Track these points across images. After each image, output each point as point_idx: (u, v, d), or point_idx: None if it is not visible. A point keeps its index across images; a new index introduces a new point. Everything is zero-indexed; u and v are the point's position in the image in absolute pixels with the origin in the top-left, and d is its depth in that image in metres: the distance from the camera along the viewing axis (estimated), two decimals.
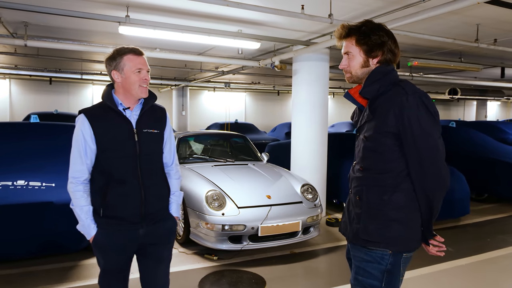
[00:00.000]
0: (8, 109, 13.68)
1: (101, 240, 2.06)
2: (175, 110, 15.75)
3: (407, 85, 1.69)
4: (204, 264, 4.18)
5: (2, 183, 3.64)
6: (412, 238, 1.75)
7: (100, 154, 2.03)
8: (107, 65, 2.05)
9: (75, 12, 3.99)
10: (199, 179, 4.73)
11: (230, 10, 4.12)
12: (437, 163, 1.65)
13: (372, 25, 1.76)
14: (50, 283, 3.56)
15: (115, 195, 2.03)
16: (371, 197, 1.76)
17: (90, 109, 2.06)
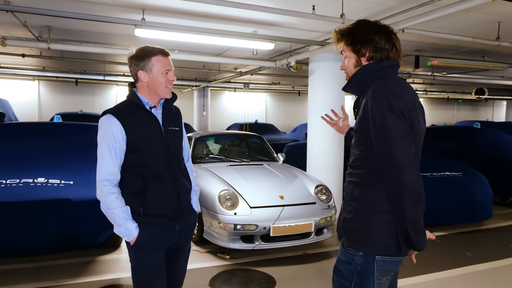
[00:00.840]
0: (37, 109, 14.21)
1: (145, 240, 2.03)
2: (196, 110, 15.94)
3: (379, 83, 1.66)
4: (216, 262, 4.23)
5: (23, 180, 3.79)
6: (383, 242, 1.67)
7: (131, 154, 2.01)
8: (133, 65, 2.04)
9: (94, 16, 4.12)
10: (213, 179, 4.79)
11: (244, 12, 4.15)
12: (398, 163, 1.57)
13: (360, 25, 1.76)
14: (68, 277, 3.69)
15: (154, 192, 2.04)
16: (349, 194, 1.77)
17: (117, 109, 2.04)
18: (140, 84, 2.07)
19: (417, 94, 1.75)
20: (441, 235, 5.25)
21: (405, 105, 1.61)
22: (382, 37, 1.71)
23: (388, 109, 1.58)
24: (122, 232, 2.00)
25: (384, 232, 1.66)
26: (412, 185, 1.57)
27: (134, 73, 2.06)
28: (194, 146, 6.06)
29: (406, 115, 1.60)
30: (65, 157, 4.77)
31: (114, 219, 1.98)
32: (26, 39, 5.81)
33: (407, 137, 1.60)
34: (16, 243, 3.58)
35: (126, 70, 11.77)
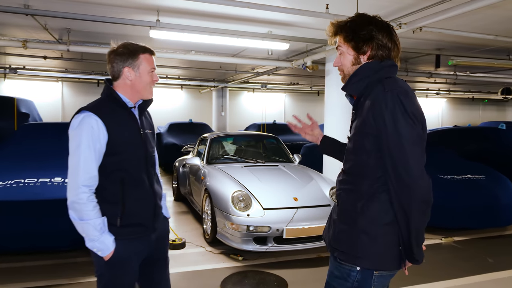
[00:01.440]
0: (60, 110, 14.59)
1: (122, 253, 1.85)
2: (215, 110, 16.01)
3: (389, 82, 1.54)
4: (229, 264, 4.22)
5: (41, 179, 3.88)
6: (384, 256, 1.56)
7: (110, 157, 1.84)
8: (118, 61, 1.89)
9: (109, 18, 4.19)
10: (227, 180, 4.79)
11: (257, 12, 4.13)
12: (410, 170, 1.46)
13: (361, 19, 1.63)
14: (82, 275, 3.75)
15: (134, 200, 1.89)
16: (346, 203, 1.64)
17: (96, 107, 1.85)
18: (122, 82, 1.91)
19: None
20: (461, 240, 5.08)
21: (419, 108, 1.51)
22: (384, 34, 1.60)
23: (402, 113, 1.45)
24: (96, 246, 1.78)
25: (386, 245, 1.56)
26: (423, 195, 1.47)
27: (118, 70, 1.90)
28: (209, 146, 6.08)
29: (419, 119, 1.50)
30: None
31: (88, 231, 1.76)
32: (47, 41, 5.95)
33: (422, 143, 1.50)
34: (32, 241, 3.66)
35: None
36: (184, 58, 6.59)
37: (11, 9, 4.12)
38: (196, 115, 15.99)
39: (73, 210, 1.77)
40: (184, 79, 13.36)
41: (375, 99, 1.51)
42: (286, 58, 7.42)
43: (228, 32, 4.60)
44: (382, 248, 1.55)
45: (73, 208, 1.77)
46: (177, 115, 15.78)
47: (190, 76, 13.08)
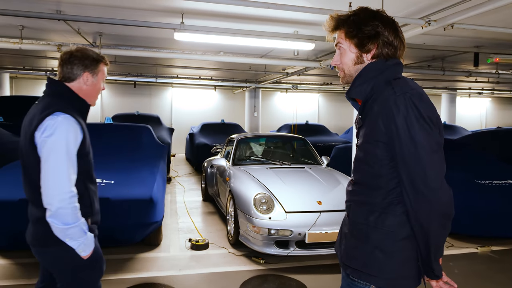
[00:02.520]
0: (99, 110, 15.18)
1: (98, 248, 1.94)
2: (247, 111, 16.06)
3: (399, 84, 1.38)
4: (250, 266, 4.19)
5: None
6: (401, 274, 1.43)
7: (80, 159, 1.83)
8: (79, 64, 1.89)
9: (136, 21, 4.28)
10: (250, 182, 4.76)
11: (280, 12, 4.07)
12: (430, 182, 1.32)
13: (365, 13, 1.47)
14: (106, 273, 3.83)
15: (96, 200, 1.97)
16: (357, 216, 1.50)
17: (69, 108, 1.82)
18: (78, 85, 1.91)
19: None
20: (499, 250, 4.76)
21: (435, 111, 1.37)
22: (391, 31, 1.45)
23: (418, 118, 1.31)
24: (85, 244, 1.80)
25: (404, 261, 1.43)
26: (444, 209, 1.35)
27: (77, 73, 1.89)
28: (235, 147, 6.08)
29: (436, 123, 1.35)
30: (111, 157, 5.02)
31: (75, 235, 1.76)
32: (83, 45, 6.18)
33: (440, 151, 1.36)
34: None
35: (180, 72, 12.18)
36: (213, 59, 6.64)
37: (45, 15, 4.32)
38: (229, 115, 16.11)
39: (59, 216, 1.71)
40: (217, 80, 13.50)
41: (385, 103, 1.36)
42: (316, 58, 7.29)
43: (252, 33, 4.58)
44: (399, 265, 1.42)
45: (59, 214, 1.71)
46: (210, 115, 15.97)
47: (223, 77, 13.19)
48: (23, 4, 4.37)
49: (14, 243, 3.85)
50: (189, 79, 13.18)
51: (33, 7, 4.45)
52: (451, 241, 4.88)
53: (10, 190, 3.74)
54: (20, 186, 3.98)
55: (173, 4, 4.21)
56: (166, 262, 4.22)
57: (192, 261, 4.29)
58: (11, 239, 3.81)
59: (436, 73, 7.66)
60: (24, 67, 11.29)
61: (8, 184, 3.89)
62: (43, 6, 4.41)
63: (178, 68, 9.96)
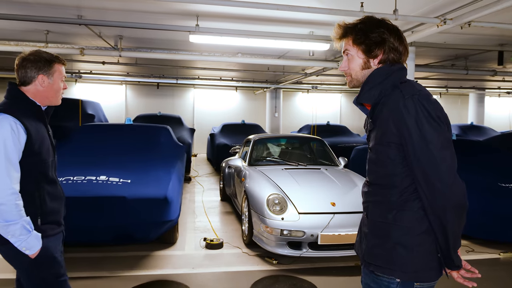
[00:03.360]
0: (124, 111, 15.58)
1: (49, 248, 1.94)
2: (268, 111, 16.09)
3: (407, 87, 1.48)
4: (263, 267, 4.21)
5: (87, 177, 4.17)
6: (423, 266, 1.51)
7: (28, 158, 1.87)
8: (32, 68, 1.96)
9: (152, 24, 4.39)
10: (264, 182, 4.78)
11: (293, 14, 4.07)
12: (443, 177, 1.41)
13: (371, 21, 1.58)
14: (122, 269, 3.97)
15: (50, 199, 1.98)
16: (376, 215, 1.59)
17: (11, 109, 1.88)
18: (34, 87, 1.98)
19: None
20: None
21: (442, 111, 1.46)
22: (396, 37, 1.56)
23: (426, 117, 1.41)
24: (25, 245, 1.82)
25: (425, 254, 1.51)
26: (459, 201, 1.43)
27: (31, 76, 1.97)
28: (252, 148, 6.12)
29: (444, 121, 1.45)
30: (130, 157, 5.16)
31: (17, 232, 1.79)
32: (103, 48, 6.38)
33: (451, 147, 1.45)
34: (78, 235, 3.93)
35: (200, 73, 12.33)
36: (230, 61, 6.70)
37: (66, 20, 4.49)
38: (250, 116, 16.19)
39: (3, 212, 1.75)
40: (238, 80, 13.59)
41: (395, 106, 1.46)
42: (334, 59, 7.23)
43: (267, 34, 4.60)
44: (420, 258, 1.51)
45: (3, 210, 1.75)
46: (231, 116, 16.10)
47: (243, 77, 13.27)
48: (47, 10, 4.56)
49: None
50: (210, 80, 13.33)
51: (57, 13, 4.63)
52: (472, 246, 4.74)
53: None
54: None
55: (189, 7, 4.29)
56: (181, 260, 4.30)
57: (206, 260, 4.35)
58: None
59: (459, 72, 7.46)
60: None
61: None
62: (65, 12, 4.59)
63: (199, 69, 10.09)
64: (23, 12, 4.54)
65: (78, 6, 4.37)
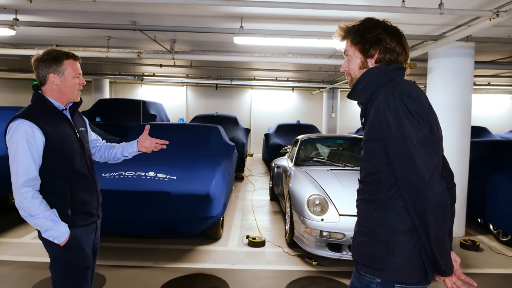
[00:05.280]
0: (185, 111, 16.29)
1: (76, 238, 2.04)
2: (325, 112, 15.84)
3: (391, 84, 1.50)
4: (302, 267, 4.19)
5: (137, 173, 4.45)
6: (405, 267, 1.48)
7: (52, 156, 1.98)
8: (42, 67, 2.01)
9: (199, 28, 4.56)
10: (307, 182, 4.75)
11: (341, 12, 3.96)
12: (419, 173, 1.39)
13: (370, 22, 1.60)
14: (166, 261, 4.19)
15: (79, 191, 2.06)
16: (363, 213, 1.60)
17: (28, 113, 1.97)
18: (49, 87, 2.04)
19: None
20: None
21: (423, 108, 1.46)
22: (393, 38, 1.56)
23: (405, 113, 1.42)
24: (52, 235, 1.96)
25: (407, 255, 1.48)
26: (437, 199, 1.39)
27: (43, 76, 2.02)
28: (299, 148, 6.10)
29: (425, 119, 1.44)
30: (179, 155, 5.41)
31: (42, 224, 1.94)
32: (159, 51, 6.75)
33: (429, 144, 1.43)
34: (125, 226, 4.23)
35: (257, 74, 12.52)
36: (280, 61, 6.73)
37: (122, 27, 4.84)
38: (306, 116, 16.07)
39: (22, 209, 1.92)
40: (294, 80, 13.57)
41: (379, 103, 1.49)
42: None
43: (310, 34, 4.56)
44: (402, 259, 1.48)
45: (21, 207, 1.92)
46: (288, 116, 16.10)
47: (299, 78, 13.22)
48: (105, 18, 4.95)
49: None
50: (265, 80, 13.47)
51: (114, 20, 5.01)
52: None
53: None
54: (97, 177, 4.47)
55: (233, 10, 4.40)
56: (222, 256, 4.43)
57: (246, 257, 4.44)
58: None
59: None
60: (119, 73, 12.62)
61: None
62: (122, 19, 4.94)
63: (253, 70, 10.25)
64: (86, 20, 4.98)
65: (132, 13, 4.69)
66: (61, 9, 4.61)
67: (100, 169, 4.54)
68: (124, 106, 11.49)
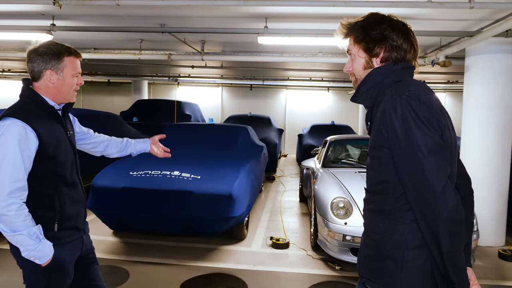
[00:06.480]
0: (220, 111, 16.48)
1: (60, 258, 1.79)
2: (361, 112, 15.42)
3: (398, 86, 1.37)
4: (324, 271, 4.10)
5: (163, 172, 4.54)
6: (416, 286, 1.36)
7: (42, 163, 1.74)
8: (39, 61, 1.78)
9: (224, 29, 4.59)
10: (332, 184, 4.64)
11: (357, 9, 3.83)
12: (429, 185, 1.27)
13: (373, 18, 1.47)
14: (188, 259, 4.25)
15: (70, 202, 1.85)
16: (370, 225, 1.49)
17: (20, 112, 1.73)
18: (44, 83, 1.80)
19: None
20: None
21: (434, 113, 1.32)
22: (399, 34, 1.43)
23: (413, 119, 1.29)
24: (34, 255, 1.69)
25: (416, 272, 1.36)
26: (450, 213, 1.26)
27: (39, 71, 1.79)
28: (327, 149, 5.98)
29: (435, 124, 1.31)
30: (206, 154, 5.48)
31: (23, 242, 1.67)
32: (192, 53, 6.86)
33: (441, 152, 1.30)
34: (150, 223, 4.34)
35: (291, 74, 12.44)
36: (311, 61, 6.65)
37: (151, 29, 4.97)
38: (342, 117, 15.75)
39: (3, 223, 1.65)
40: (329, 80, 13.35)
41: (385, 107, 1.36)
42: (425, 55, 6.66)
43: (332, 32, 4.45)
44: (411, 276, 1.36)
45: (2, 221, 1.64)
46: (323, 116, 15.86)
47: (333, 77, 13.00)
48: (135, 21, 5.11)
49: (120, 224, 4.53)
50: (299, 80, 13.35)
51: (144, 23, 5.16)
52: None
53: (119, 179, 4.41)
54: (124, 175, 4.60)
55: (258, 10, 4.39)
56: (244, 256, 4.42)
57: (269, 259, 4.40)
58: (117, 221, 4.48)
59: None
60: (156, 74, 13.00)
61: (118, 174, 4.57)
62: (151, 21, 5.08)
63: (287, 70, 10.20)
64: (117, 24, 5.17)
65: (160, 16, 4.81)
66: (91, 13, 4.81)
67: (128, 168, 4.69)
68: (160, 106, 11.83)
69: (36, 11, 4.86)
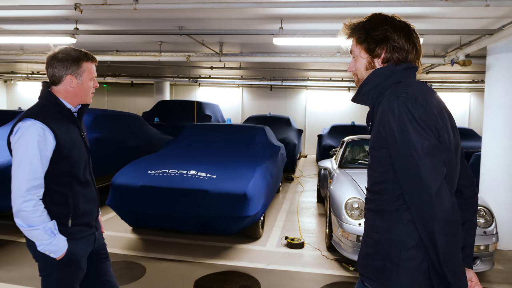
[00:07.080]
0: (240, 112, 16.59)
1: (73, 253, 1.89)
2: None
3: (397, 87, 1.39)
4: (337, 272, 4.10)
5: (180, 171, 4.64)
6: (412, 285, 1.38)
7: (58, 162, 1.85)
8: (60, 67, 1.90)
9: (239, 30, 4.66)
10: (347, 185, 4.63)
11: (368, 9, 3.83)
12: (425, 186, 1.28)
13: (376, 19, 1.49)
14: (203, 257, 4.33)
15: (82, 201, 1.95)
16: (369, 224, 1.51)
17: (39, 113, 1.84)
18: (64, 88, 1.93)
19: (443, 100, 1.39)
20: None
21: (431, 114, 1.34)
22: (401, 35, 1.44)
23: (410, 121, 1.31)
24: (49, 249, 1.81)
25: (413, 272, 1.38)
26: (446, 215, 1.28)
27: (59, 76, 1.91)
28: (344, 150, 5.96)
29: (432, 126, 1.33)
30: (222, 153, 5.56)
31: (39, 237, 1.79)
32: (211, 54, 6.97)
33: (437, 154, 1.31)
34: (168, 221, 4.45)
35: (311, 75, 12.41)
36: (328, 61, 6.64)
37: (169, 32, 5.09)
38: (363, 117, 15.39)
39: (20, 218, 1.76)
40: (349, 80, 13.23)
41: (383, 108, 1.39)
42: (446, 53, 6.53)
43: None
44: (408, 276, 1.38)
45: (20, 216, 1.76)
46: (344, 117, 15.71)
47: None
48: (155, 24, 5.25)
49: (138, 222, 4.67)
50: (318, 81, 13.29)
51: (163, 26, 5.29)
52: None
53: (138, 177, 4.54)
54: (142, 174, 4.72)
55: (273, 12, 4.43)
56: (259, 255, 4.47)
57: (283, 258, 4.43)
58: (135, 219, 4.62)
59: None
60: (178, 75, 13.21)
61: (137, 172, 4.71)
62: (169, 24, 5.20)
63: (306, 70, 10.19)
64: (137, 27, 5.32)
65: (178, 18, 4.92)
66: (112, 17, 4.98)
67: (147, 167, 4.82)
68: (182, 107, 12.02)
69: (60, 16, 5.06)
